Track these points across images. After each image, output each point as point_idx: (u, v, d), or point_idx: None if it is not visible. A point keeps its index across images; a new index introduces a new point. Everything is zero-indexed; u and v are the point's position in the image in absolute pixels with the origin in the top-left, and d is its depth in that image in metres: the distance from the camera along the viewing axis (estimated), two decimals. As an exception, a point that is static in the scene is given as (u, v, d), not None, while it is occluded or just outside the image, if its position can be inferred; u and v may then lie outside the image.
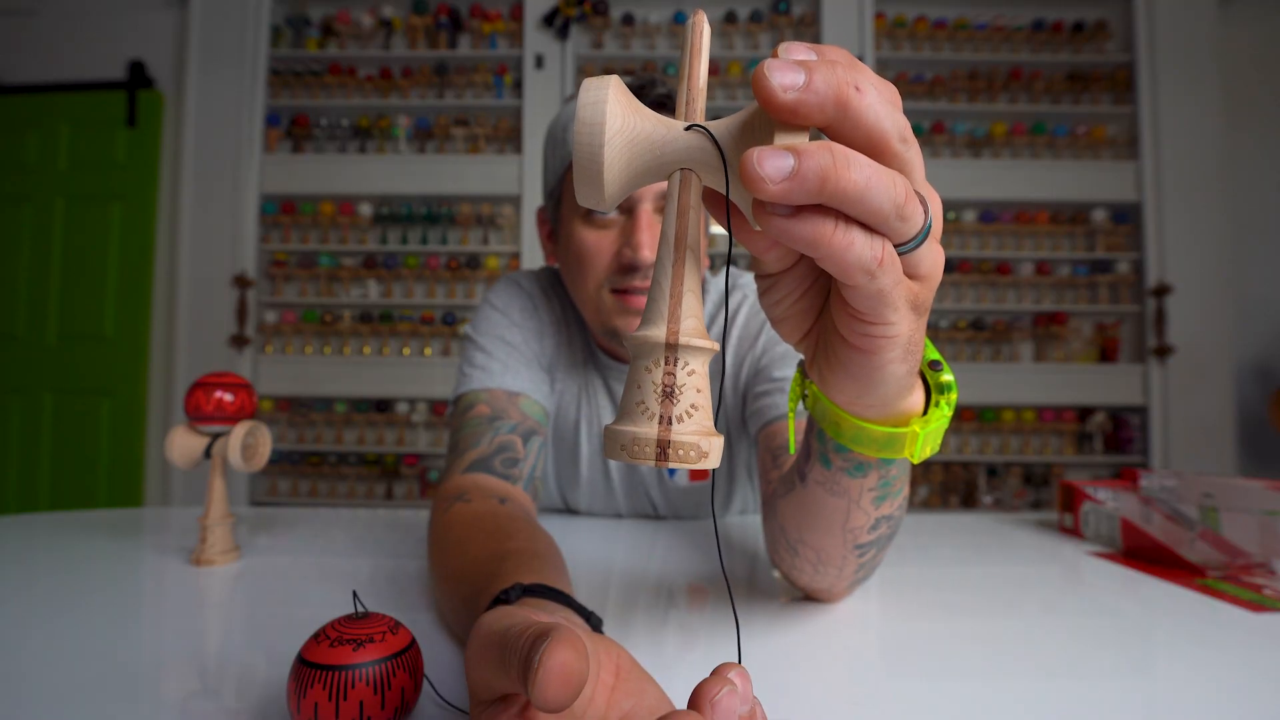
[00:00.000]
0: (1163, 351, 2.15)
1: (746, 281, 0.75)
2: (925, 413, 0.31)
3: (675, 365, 0.20)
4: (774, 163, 0.18)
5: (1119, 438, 2.20)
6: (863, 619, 0.43)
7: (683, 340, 0.20)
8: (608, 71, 2.27)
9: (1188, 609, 0.46)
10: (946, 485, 2.22)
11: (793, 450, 0.36)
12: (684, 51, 0.21)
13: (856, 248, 0.20)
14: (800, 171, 0.18)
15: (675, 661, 0.36)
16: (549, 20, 2.21)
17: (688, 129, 0.21)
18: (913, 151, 0.21)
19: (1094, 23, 2.27)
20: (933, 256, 0.23)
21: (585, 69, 2.29)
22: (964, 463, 2.22)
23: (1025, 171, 2.22)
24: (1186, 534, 0.62)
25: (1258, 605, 0.46)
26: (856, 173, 0.19)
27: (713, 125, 0.21)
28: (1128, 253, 2.22)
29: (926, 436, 0.30)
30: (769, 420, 0.61)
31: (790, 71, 0.18)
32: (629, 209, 0.61)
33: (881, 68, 2.28)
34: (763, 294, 0.27)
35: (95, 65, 2.30)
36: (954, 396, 0.31)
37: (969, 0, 2.29)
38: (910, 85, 2.28)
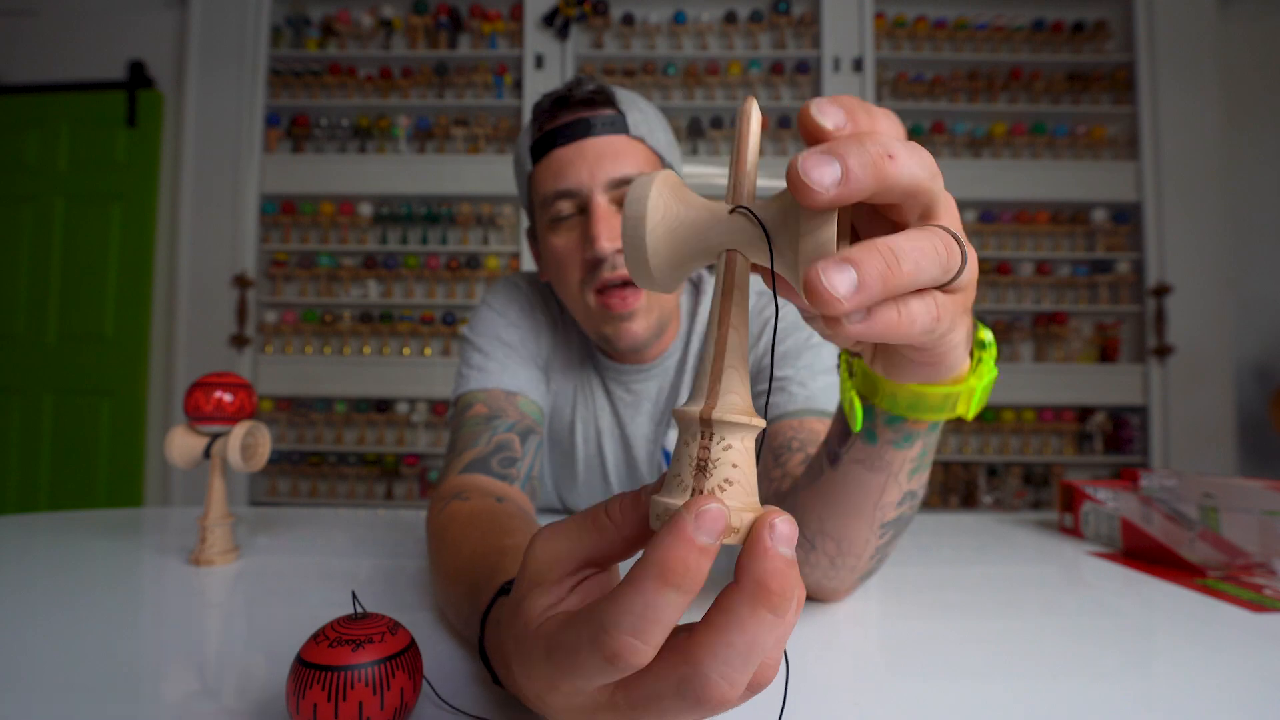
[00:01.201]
0: (1163, 351, 2.15)
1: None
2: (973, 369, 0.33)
3: (711, 440, 0.21)
4: (840, 278, 0.18)
5: (1119, 438, 2.20)
6: (863, 618, 0.43)
7: (717, 416, 0.21)
8: (607, 72, 2.27)
9: (1188, 609, 0.46)
10: (946, 485, 2.22)
11: (858, 427, 0.35)
12: (736, 137, 0.23)
13: (919, 320, 0.21)
14: (864, 281, 0.19)
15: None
16: (549, 20, 2.21)
17: (731, 212, 0.22)
18: (939, 182, 0.22)
19: (1094, 23, 2.27)
20: (970, 267, 0.24)
21: (585, 69, 2.29)
22: (964, 463, 2.22)
23: (1025, 171, 2.22)
24: (1186, 534, 0.62)
25: (1258, 605, 0.46)
26: (908, 263, 0.20)
27: (757, 206, 0.22)
28: (1128, 253, 2.22)
29: (982, 391, 0.32)
30: (771, 419, 0.60)
31: (825, 166, 0.18)
32: (584, 207, 0.61)
33: (881, 68, 2.28)
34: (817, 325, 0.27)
35: (95, 65, 2.30)
36: (994, 351, 0.33)
37: (969, 0, 2.29)
38: (910, 85, 2.28)
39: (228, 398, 0.53)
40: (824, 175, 0.18)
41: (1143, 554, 0.59)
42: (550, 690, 0.21)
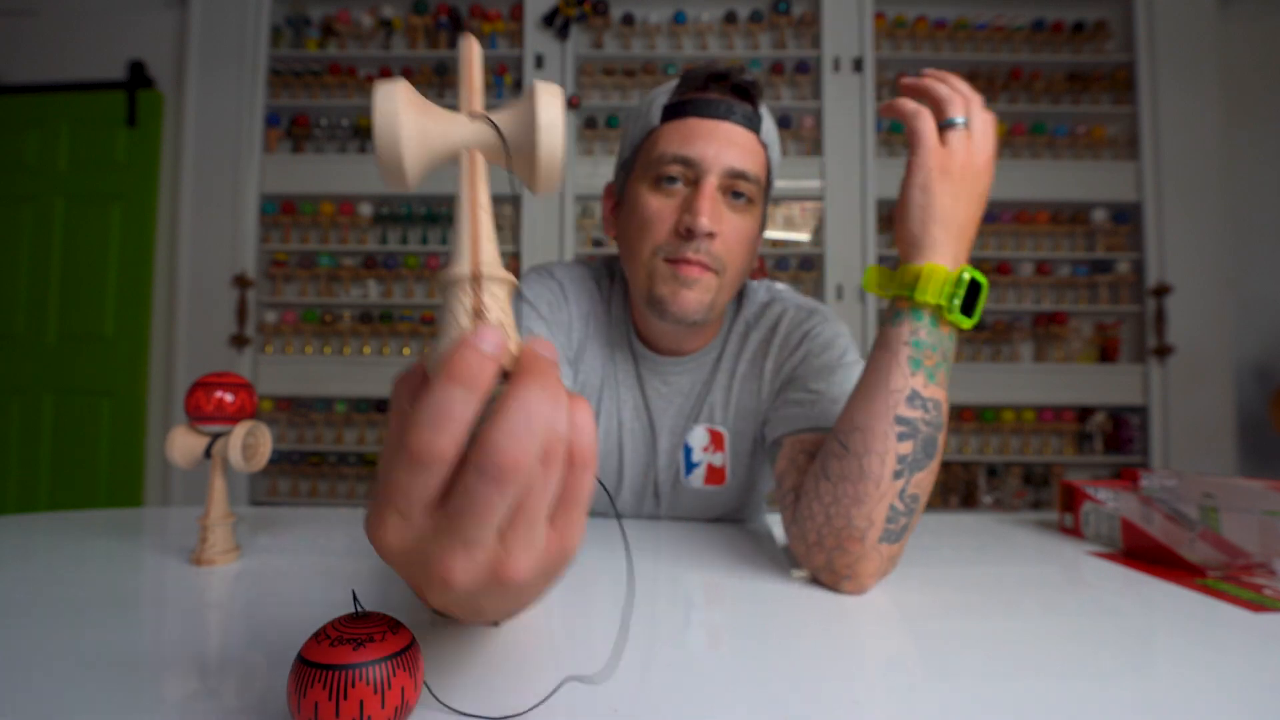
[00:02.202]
0: (1163, 351, 2.15)
1: (784, 293, 0.76)
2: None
3: (481, 292, 0.25)
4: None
5: (1119, 438, 2.20)
6: (863, 618, 0.44)
7: (486, 272, 0.25)
8: (607, 72, 2.27)
9: (1188, 609, 0.46)
10: (946, 485, 2.22)
11: (865, 285, 0.52)
12: (464, 64, 0.27)
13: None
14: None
15: (702, 660, 0.36)
16: (549, 20, 2.21)
17: (472, 117, 0.27)
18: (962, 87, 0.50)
19: (1094, 23, 2.27)
20: (970, 146, 0.49)
21: (585, 69, 2.29)
22: (964, 463, 2.22)
23: (1025, 171, 2.22)
24: (1186, 534, 0.62)
25: (1258, 605, 0.46)
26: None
27: (491, 115, 0.27)
28: (1128, 253, 2.22)
29: (934, 277, 0.47)
30: (800, 429, 0.61)
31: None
32: (694, 180, 0.62)
33: (881, 68, 2.28)
34: None
35: (95, 65, 2.30)
36: (965, 279, 0.47)
37: (969, 0, 2.29)
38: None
39: (228, 398, 0.53)
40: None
41: (1143, 554, 0.59)
42: (380, 527, 0.23)
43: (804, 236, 2.30)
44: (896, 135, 2.27)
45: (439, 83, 2.32)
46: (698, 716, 0.30)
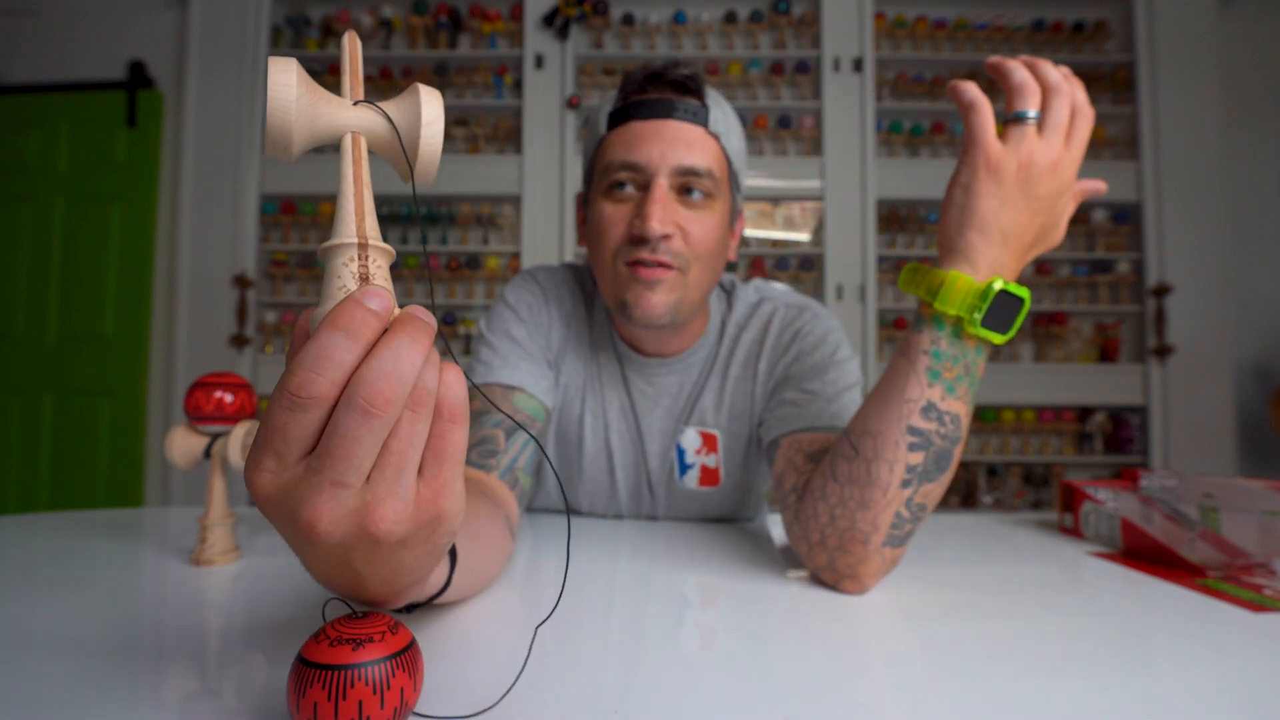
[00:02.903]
0: (1163, 351, 2.15)
1: (776, 293, 0.76)
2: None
3: (367, 260, 0.26)
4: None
5: (1119, 438, 2.20)
6: (862, 619, 0.43)
7: (372, 241, 0.26)
8: (607, 72, 2.27)
9: (1188, 609, 0.46)
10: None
11: (901, 283, 0.49)
12: (341, 58, 0.29)
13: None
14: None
15: (701, 661, 0.36)
16: (549, 20, 2.21)
17: (356, 104, 0.29)
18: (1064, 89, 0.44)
19: (1094, 23, 2.27)
20: (1034, 146, 0.43)
21: (585, 69, 2.29)
22: (964, 463, 2.22)
23: (1025, 171, 2.21)
24: (1186, 534, 0.62)
25: (1258, 605, 0.46)
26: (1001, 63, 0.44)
27: (377, 104, 0.29)
28: (1128, 253, 2.22)
29: (956, 286, 0.44)
30: (795, 429, 0.61)
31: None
32: (644, 185, 0.62)
33: (881, 68, 2.28)
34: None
35: (95, 65, 2.30)
36: (994, 290, 0.43)
37: (969, 0, 2.29)
38: (910, 85, 2.28)
39: (228, 398, 0.53)
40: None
41: (1143, 554, 0.59)
42: (256, 470, 0.23)
43: (804, 236, 2.30)
44: (896, 135, 2.27)
45: (439, 83, 2.32)
46: (697, 717, 0.30)
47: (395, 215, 2.28)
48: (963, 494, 2.23)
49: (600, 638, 0.39)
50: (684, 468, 0.72)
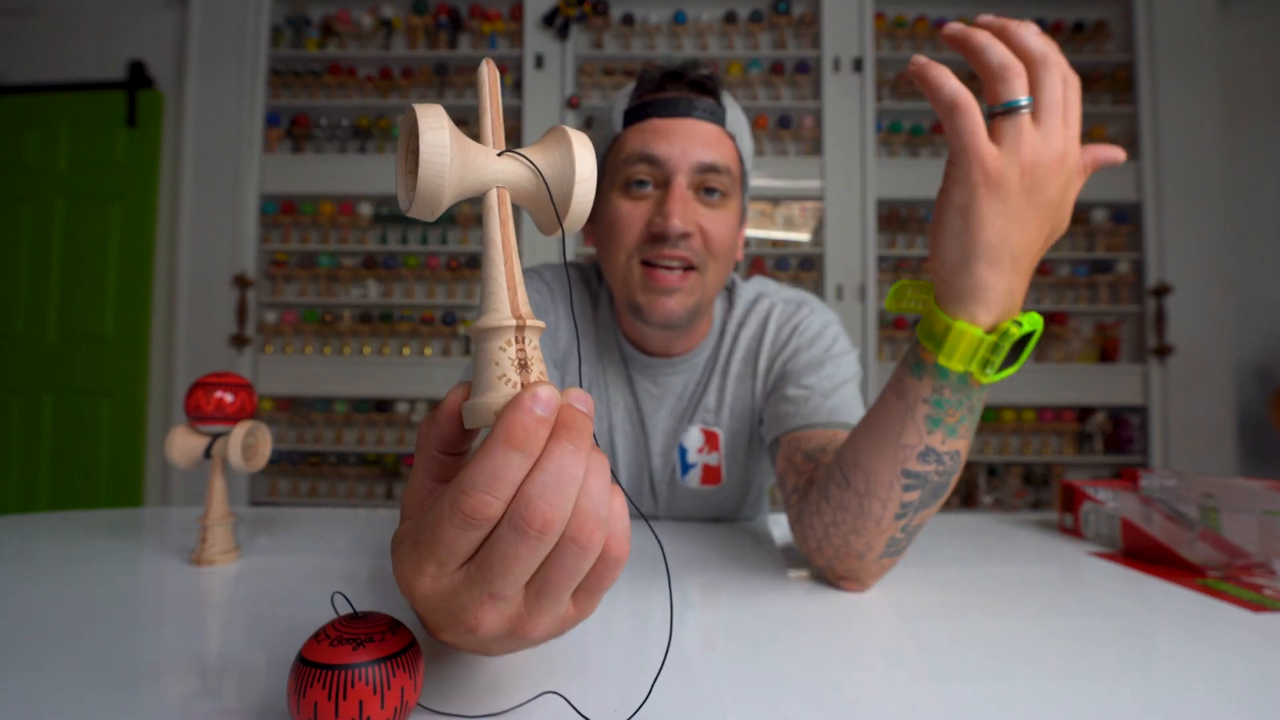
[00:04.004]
0: (1163, 351, 2.15)
1: (771, 288, 0.76)
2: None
3: (525, 342, 0.24)
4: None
5: (1119, 438, 2.20)
6: (863, 618, 0.43)
7: (530, 323, 0.24)
8: (607, 72, 2.27)
9: (1188, 609, 0.46)
10: (946, 485, 2.22)
11: (889, 306, 0.43)
12: (481, 95, 0.26)
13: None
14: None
15: (700, 661, 0.36)
16: (549, 20, 2.21)
17: (500, 154, 0.26)
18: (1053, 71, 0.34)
19: (1094, 23, 2.27)
20: (1034, 142, 0.34)
21: (585, 69, 2.29)
22: (964, 463, 2.22)
23: (1025, 171, 2.22)
24: (1186, 534, 0.62)
25: (1258, 605, 0.46)
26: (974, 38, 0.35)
27: (523, 151, 0.26)
28: (1128, 253, 2.22)
29: (963, 340, 0.37)
30: (795, 427, 0.61)
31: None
32: (664, 182, 0.62)
33: (881, 68, 2.28)
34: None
35: (95, 65, 2.30)
36: (1012, 335, 0.37)
37: (969, 0, 2.29)
38: (910, 85, 2.28)
39: (228, 398, 0.53)
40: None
41: (1143, 554, 0.59)
42: (417, 575, 0.23)
43: (804, 236, 2.30)
44: (896, 135, 2.27)
45: (439, 83, 2.32)
46: (697, 717, 0.30)
47: (395, 215, 2.28)
48: (963, 494, 2.23)
49: (601, 638, 0.39)
50: (686, 467, 0.72)
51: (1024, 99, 0.34)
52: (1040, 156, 0.35)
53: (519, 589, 0.23)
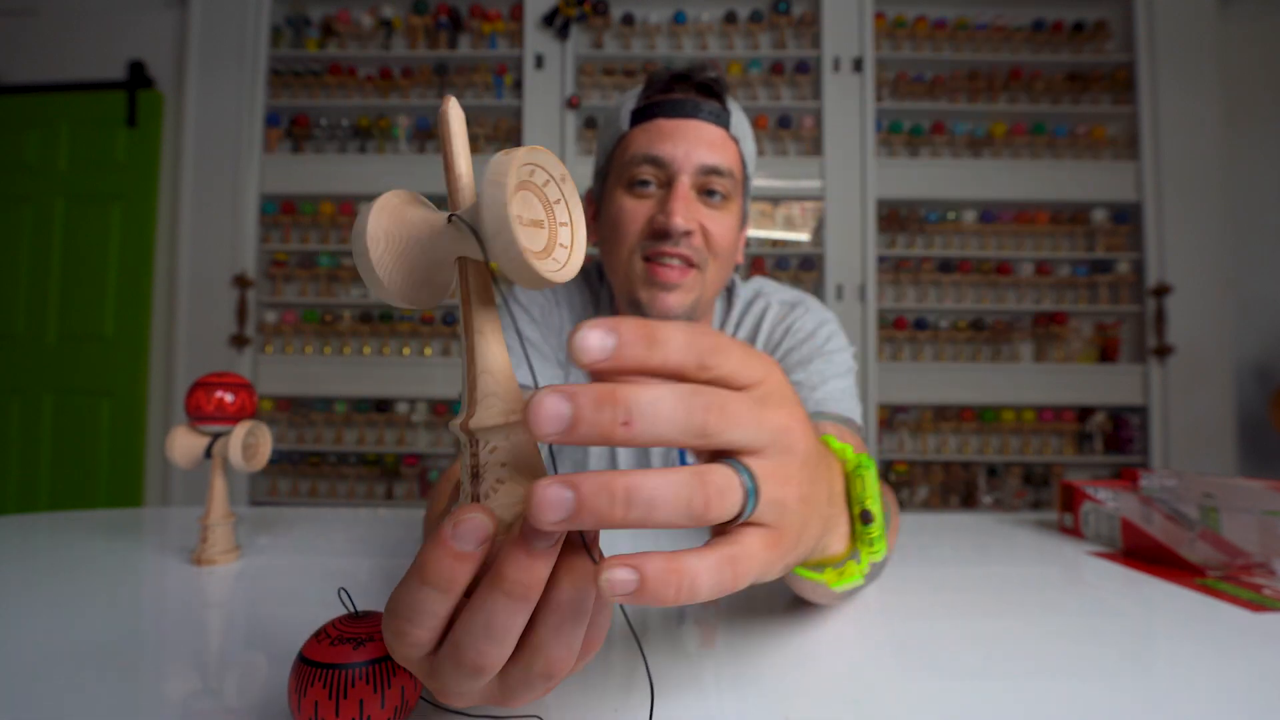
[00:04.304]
0: (1163, 351, 2.15)
1: (769, 288, 0.77)
2: (852, 551, 0.33)
3: (478, 447, 0.22)
4: (555, 500, 0.17)
5: (1119, 438, 2.20)
6: (862, 619, 0.43)
7: (474, 425, 0.22)
8: (607, 72, 2.27)
9: (1188, 609, 0.46)
10: (946, 485, 2.22)
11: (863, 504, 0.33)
12: (442, 141, 0.22)
13: (702, 585, 0.19)
14: (580, 506, 0.18)
15: (699, 660, 0.36)
16: (549, 20, 2.21)
17: (450, 220, 0.22)
18: (717, 399, 0.20)
19: (1094, 23, 2.27)
20: (768, 501, 0.21)
21: (585, 69, 2.29)
22: (964, 463, 2.22)
23: (1025, 171, 2.22)
24: (1186, 534, 0.62)
25: (1258, 605, 0.46)
26: (638, 508, 0.18)
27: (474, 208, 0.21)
28: (1128, 253, 2.22)
29: (840, 582, 0.33)
30: None
31: (555, 409, 0.17)
32: (667, 181, 0.63)
33: (881, 68, 2.28)
34: None
35: (95, 65, 2.30)
36: (879, 549, 0.33)
37: (969, 0, 2.29)
38: (910, 85, 2.28)
39: (229, 398, 0.53)
40: (548, 421, 0.17)
41: (1143, 554, 0.59)
42: (443, 695, 0.23)
43: (804, 236, 2.30)
44: (896, 135, 2.27)
45: (439, 82, 2.32)
46: (697, 717, 0.30)
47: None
48: (963, 494, 2.23)
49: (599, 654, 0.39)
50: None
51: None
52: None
53: (482, 682, 0.23)
